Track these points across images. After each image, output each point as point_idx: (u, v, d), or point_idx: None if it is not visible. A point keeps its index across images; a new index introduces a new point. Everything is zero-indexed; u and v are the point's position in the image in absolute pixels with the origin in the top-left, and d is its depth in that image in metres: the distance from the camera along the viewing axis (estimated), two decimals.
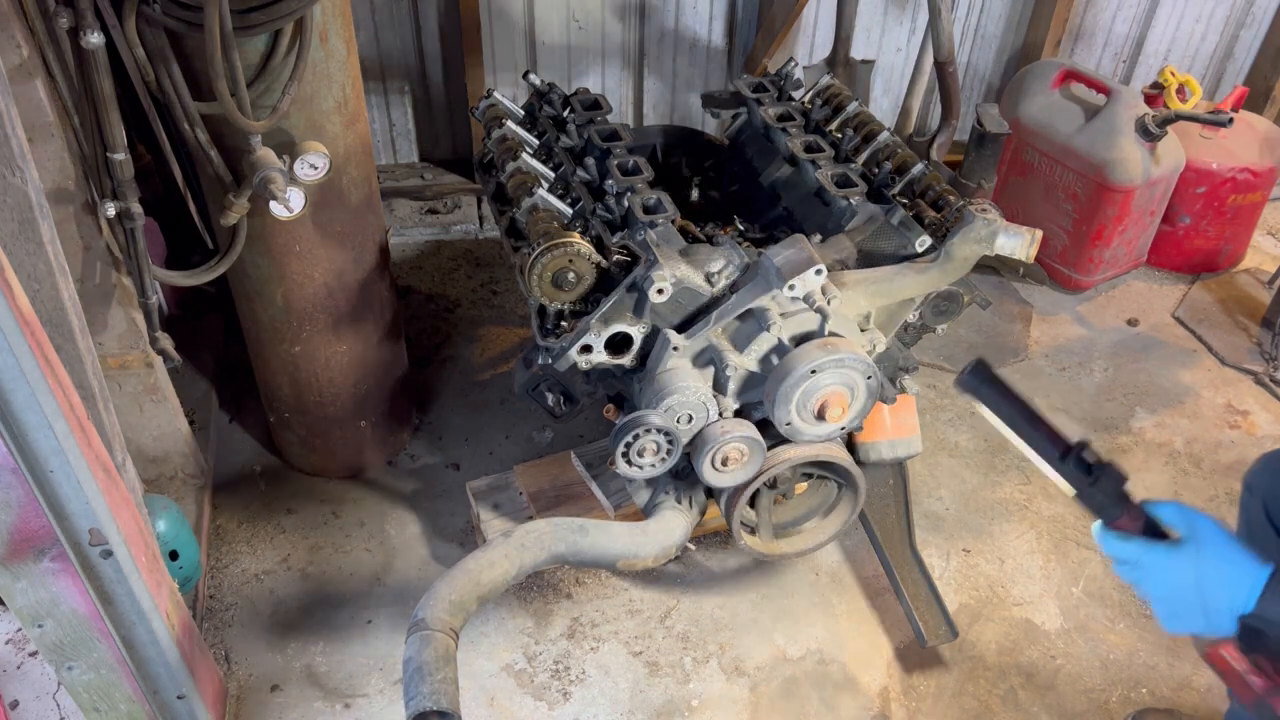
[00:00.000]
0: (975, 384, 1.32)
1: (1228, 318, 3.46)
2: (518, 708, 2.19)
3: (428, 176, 3.73)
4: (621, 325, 2.00)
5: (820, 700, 2.24)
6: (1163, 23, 4.05)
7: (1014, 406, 1.31)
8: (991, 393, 1.32)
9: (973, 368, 1.32)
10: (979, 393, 1.32)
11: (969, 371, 1.32)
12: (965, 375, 1.32)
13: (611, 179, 2.17)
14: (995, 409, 1.32)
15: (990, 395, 1.32)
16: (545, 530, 1.91)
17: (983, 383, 1.32)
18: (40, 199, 1.68)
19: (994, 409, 1.32)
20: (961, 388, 1.33)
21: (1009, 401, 1.31)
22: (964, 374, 1.32)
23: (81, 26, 1.71)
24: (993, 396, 1.32)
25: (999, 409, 1.32)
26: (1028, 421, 1.30)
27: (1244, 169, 3.40)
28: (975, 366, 1.32)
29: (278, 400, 2.56)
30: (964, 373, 1.33)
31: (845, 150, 2.36)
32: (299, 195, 2.03)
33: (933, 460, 2.84)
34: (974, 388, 1.32)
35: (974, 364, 1.32)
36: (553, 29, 3.55)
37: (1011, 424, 1.31)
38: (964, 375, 1.32)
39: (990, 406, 1.32)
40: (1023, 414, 1.31)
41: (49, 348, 1.49)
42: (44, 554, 1.50)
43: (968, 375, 1.32)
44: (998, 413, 1.32)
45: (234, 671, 2.23)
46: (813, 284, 1.94)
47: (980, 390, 1.32)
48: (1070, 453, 1.27)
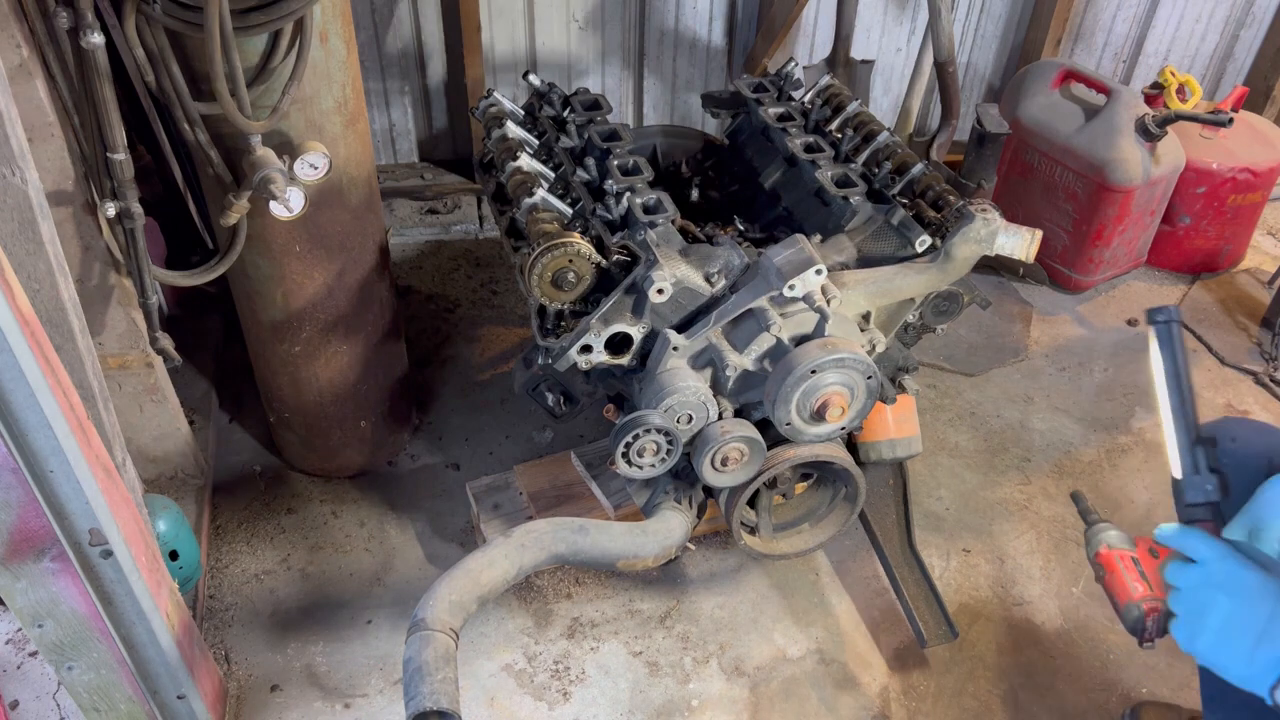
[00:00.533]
0: (1168, 318, 1.32)
1: (1228, 318, 3.46)
2: (518, 708, 2.19)
3: (428, 176, 3.73)
4: (621, 325, 2.00)
5: (820, 700, 2.24)
6: (1163, 23, 4.05)
7: (1186, 370, 1.31)
8: (1175, 340, 1.32)
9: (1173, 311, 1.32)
10: (1166, 328, 1.32)
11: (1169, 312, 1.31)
12: (1166, 310, 1.31)
13: (611, 179, 2.17)
14: (1168, 352, 1.31)
15: (1175, 342, 1.32)
16: (545, 530, 1.91)
17: (1175, 320, 1.32)
18: (40, 199, 1.68)
19: (1167, 352, 1.31)
20: (1155, 316, 1.32)
21: (1186, 360, 1.31)
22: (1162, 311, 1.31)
23: (81, 26, 1.71)
24: (1176, 345, 1.31)
25: (1171, 354, 1.31)
26: (1188, 386, 1.31)
27: (1244, 169, 3.40)
28: (1174, 311, 1.32)
29: (278, 400, 2.56)
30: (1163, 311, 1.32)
31: (845, 150, 2.36)
32: (299, 195, 2.03)
33: (933, 460, 2.84)
34: (1164, 321, 1.32)
35: (1174, 309, 1.32)
36: (553, 29, 3.55)
37: (1173, 375, 1.31)
38: (1164, 309, 1.31)
39: (1165, 347, 1.32)
40: (1188, 375, 1.31)
41: (49, 348, 1.49)
42: (44, 554, 1.51)
43: (1169, 309, 1.31)
44: (1168, 357, 1.31)
45: (234, 671, 2.23)
46: (813, 284, 1.94)
47: (1171, 330, 1.32)
48: (1203, 442, 1.27)
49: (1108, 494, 2.77)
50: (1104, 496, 2.76)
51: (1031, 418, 3.02)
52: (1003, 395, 3.10)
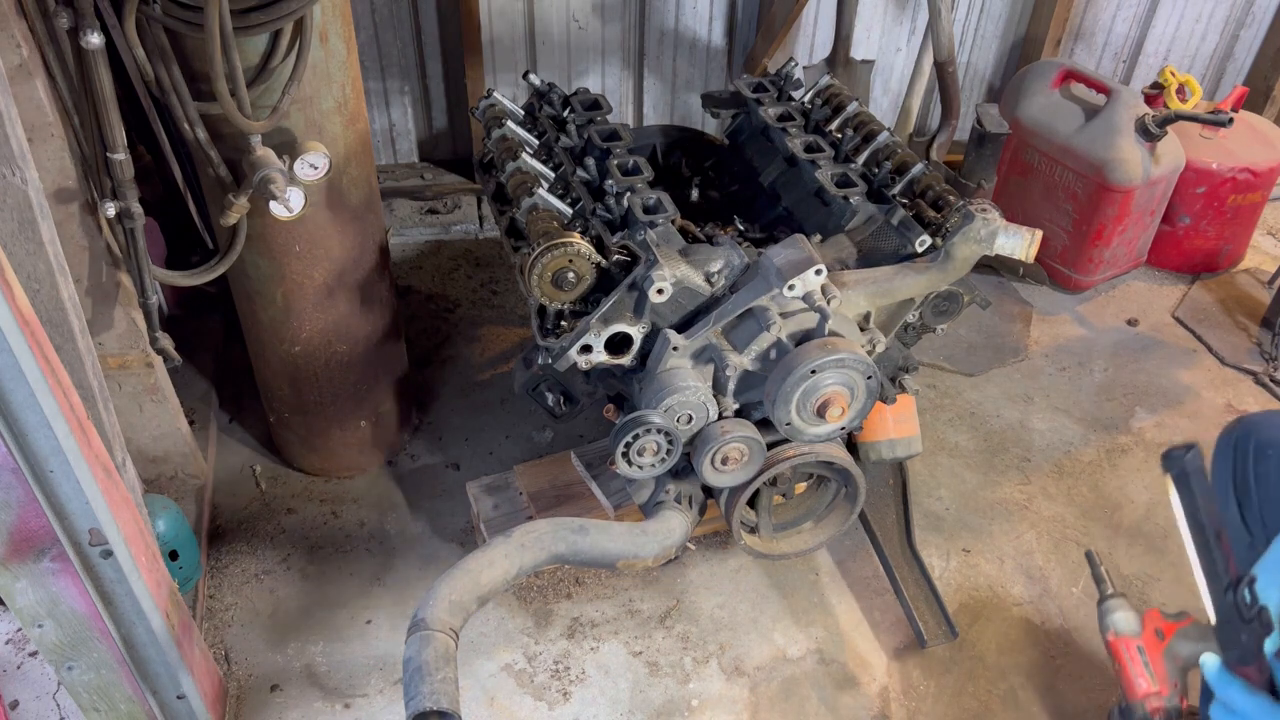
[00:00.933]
0: (1186, 469, 1.24)
1: (1228, 318, 3.46)
2: (518, 707, 2.19)
3: (428, 176, 3.73)
4: (621, 325, 2.00)
5: (820, 700, 2.24)
6: (1163, 23, 4.05)
7: (1210, 510, 1.23)
8: (1197, 485, 1.24)
9: (1189, 452, 1.23)
10: (1185, 479, 1.24)
11: (1184, 454, 1.23)
12: (1177, 455, 1.24)
13: (611, 179, 2.17)
14: (1189, 501, 1.24)
15: (1194, 487, 1.24)
16: (545, 530, 1.91)
17: (1195, 471, 1.24)
18: (40, 199, 1.68)
19: (1188, 501, 1.24)
20: (1169, 464, 1.25)
21: (1208, 502, 1.23)
22: (1177, 453, 1.24)
23: (81, 26, 1.71)
24: (1196, 489, 1.24)
25: (1193, 504, 1.24)
26: (1214, 534, 1.23)
27: (1244, 169, 3.40)
28: (1193, 452, 1.23)
29: (278, 400, 2.56)
30: (1178, 451, 1.24)
31: (845, 150, 2.36)
32: (299, 195, 2.03)
33: (933, 460, 2.84)
34: (1180, 471, 1.24)
35: (1189, 448, 1.24)
36: (553, 29, 3.55)
37: (1195, 524, 1.24)
38: (1175, 454, 1.24)
39: (1185, 497, 1.24)
40: (1211, 522, 1.23)
41: (49, 348, 1.49)
42: (44, 554, 1.51)
43: (1183, 457, 1.23)
44: (1189, 506, 1.24)
45: (234, 671, 2.23)
46: (813, 284, 1.94)
47: (1187, 477, 1.24)
48: (1239, 584, 1.20)
49: (1107, 494, 2.77)
50: (1104, 496, 2.76)
51: (1031, 418, 3.02)
52: (1003, 395, 3.10)
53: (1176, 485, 1.25)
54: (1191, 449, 1.23)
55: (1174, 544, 2.62)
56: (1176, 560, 2.57)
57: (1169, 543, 2.62)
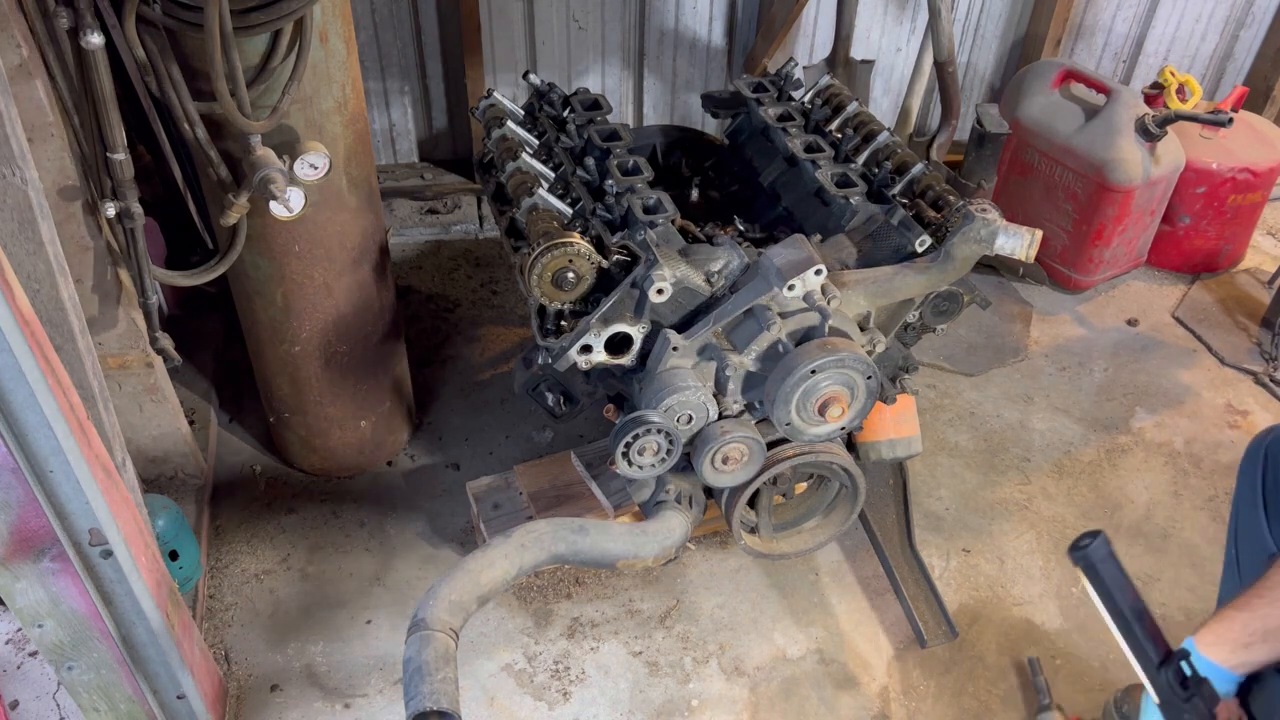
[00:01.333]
0: (1091, 560, 1.21)
1: (1228, 318, 3.46)
2: (518, 707, 2.19)
3: (428, 176, 3.73)
4: (621, 325, 2.00)
5: (820, 700, 2.24)
6: (1163, 22, 4.05)
7: (1125, 594, 1.21)
8: (1106, 573, 1.21)
9: (1093, 542, 1.21)
10: (1093, 570, 1.21)
11: (1088, 545, 1.21)
12: (1083, 548, 1.21)
13: (611, 179, 2.17)
14: (1102, 591, 1.22)
15: (1103, 576, 1.21)
16: (545, 530, 1.91)
17: (1101, 560, 1.21)
18: (40, 199, 1.68)
19: (1100, 591, 1.22)
20: (1075, 558, 1.22)
21: (1121, 588, 1.21)
22: (1081, 545, 1.21)
23: (81, 27, 1.71)
24: (1105, 577, 1.21)
25: (1106, 592, 1.22)
26: (1134, 615, 1.20)
27: (1244, 169, 3.40)
28: (1096, 541, 1.21)
29: (278, 400, 2.56)
30: (1081, 544, 1.21)
31: (845, 150, 2.36)
32: (299, 195, 2.03)
33: (933, 460, 2.84)
34: (1088, 563, 1.21)
35: (1095, 537, 1.21)
36: (553, 29, 3.55)
37: (1114, 612, 1.21)
38: (1081, 547, 1.21)
39: (1098, 587, 1.22)
40: (1132, 606, 1.21)
41: (49, 348, 1.49)
42: (44, 554, 1.50)
43: (1086, 549, 1.21)
44: (1104, 596, 1.22)
45: (234, 671, 2.23)
46: (813, 284, 1.94)
47: (1094, 567, 1.21)
48: (1169, 661, 1.18)
49: (1107, 494, 2.77)
50: (1104, 496, 2.76)
51: (1031, 418, 3.02)
52: (1003, 395, 3.10)
53: (1087, 576, 1.22)
54: (1096, 538, 1.20)
55: (1174, 544, 2.62)
56: (1177, 560, 2.57)
57: (1169, 543, 2.62)
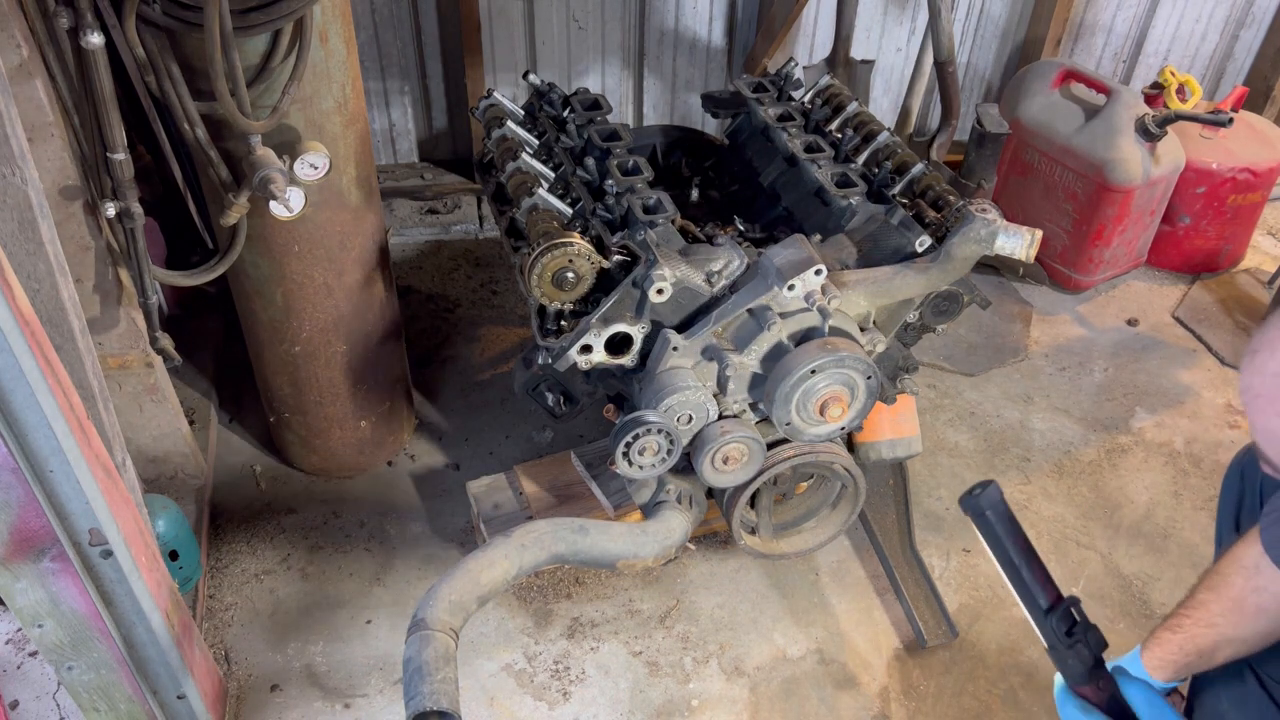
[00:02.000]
0: (981, 508, 1.20)
1: (1228, 318, 3.46)
2: (518, 707, 2.19)
3: (428, 176, 3.73)
4: (621, 325, 2.00)
5: (820, 700, 2.24)
6: (1163, 22, 4.05)
7: (1014, 542, 1.21)
8: (997, 521, 1.20)
9: (984, 490, 1.20)
10: (983, 518, 1.21)
11: (979, 494, 1.20)
12: (975, 496, 1.20)
13: (611, 179, 2.17)
14: (991, 539, 1.21)
15: (993, 524, 1.20)
16: (545, 530, 1.91)
17: (991, 507, 1.20)
18: (40, 199, 1.68)
19: (990, 539, 1.21)
20: (965, 505, 1.21)
21: (1011, 535, 1.20)
22: (972, 494, 1.20)
23: (81, 26, 1.71)
24: (996, 526, 1.20)
25: (995, 540, 1.21)
26: (1024, 562, 1.20)
27: (1244, 169, 3.40)
28: (988, 490, 1.20)
29: (278, 400, 2.56)
30: (972, 493, 1.20)
31: (845, 150, 2.36)
32: (299, 195, 2.03)
33: (933, 460, 2.84)
34: (979, 511, 1.20)
35: (985, 486, 1.20)
36: (553, 29, 3.55)
37: (1004, 559, 1.21)
38: (972, 496, 1.20)
39: (987, 535, 1.21)
40: (1021, 553, 1.20)
41: (49, 348, 1.49)
42: (44, 554, 1.50)
43: (978, 497, 1.20)
44: (993, 543, 1.21)
45: (234, 671, 2.23)
46: (813, 284, 1.94)
47: (984, 515, 1.20)
48: (1057, 607, 1.19)
49: (1108, 494, 2.77)
50: (1104, 496, 2.76)
51: (1031, 418, 3.02)
52: (1003, 395, 3.10)
53: (978, 525, 1.21)
54: (988, 486, 1.20)
55: (1174, 544, 2.62)
56: (1177, 560, 2.57)
57: (1169, 543, 2.62)
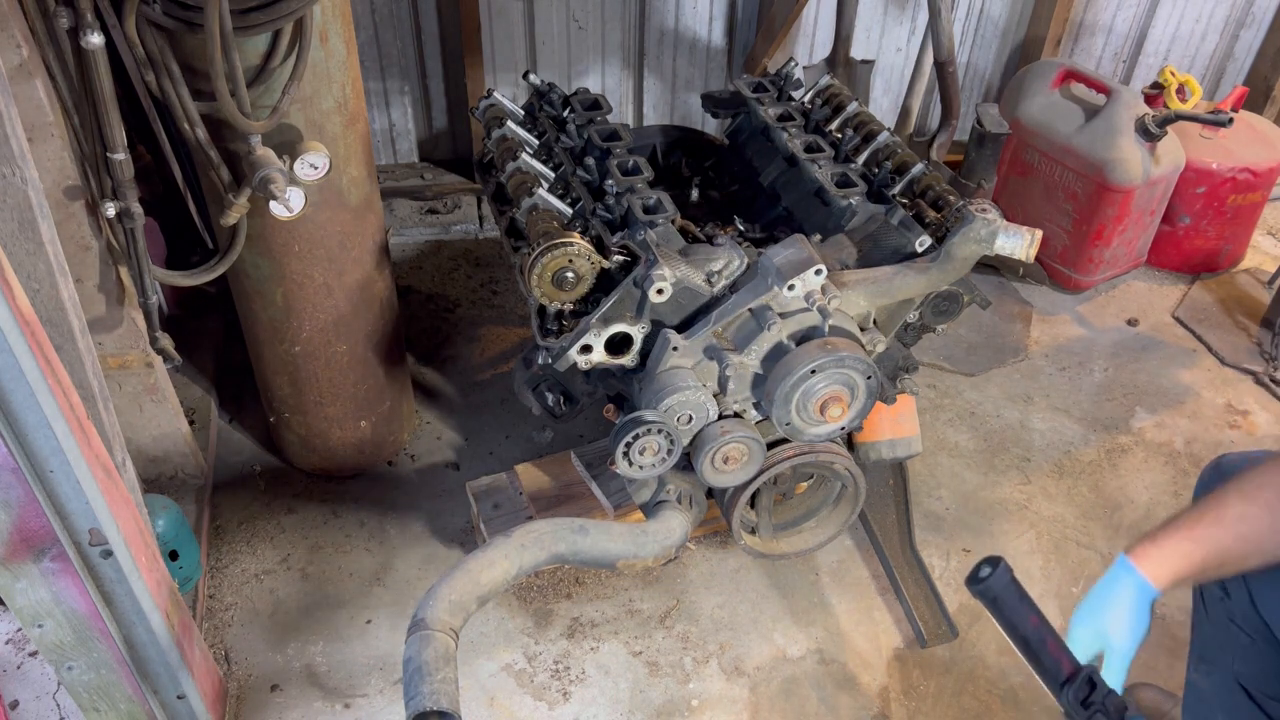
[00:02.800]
0: (994, 592, 1.17)
1: (1228, 318, 3.46)
2: (518, 707, 2.19)
3: (428, 176, 3.73)
4: (621, 325, 2.00)
5: (820, 700, 2.24)
6: (1163, 22, 4.05)
7: (1028, 620, 1.18)
8: (1008, 603, 1.17)
9: (994, 572, 1.16)
10: (994, 602, 1.17)
11: (989, 577, 1.16)
12: (983, 580, 1.16)
13: (611, 179, 2.17)
14: (1004, 621, 1.18)
15: (1005, 606, 1.17)
16: (545, 530, 1.91)
17: (1002, 590, 1.17)
18: (40, 199, 1.68)
19: (1003, 620, 1.18)
20: (975, 591, 1.18)
21: (1024, 614, 1.17)
22: (981, 578, 1.16)
23: (81, 26, 1.71)
24: (1006, 607, 1.17)
25: (1008, 621, 1.18)
26: (1040, 639, 1.17)
27: (1244, 169, 3.40)
28: (998, 572, 1.16)
29: (278, 400, 2.56)
30: (981, 575, 1.16)
31: (845, 150, 2.36)
32: (299, 195, 2.03)
33: (933, 460, 2.84)
34: (991, 596, 1.17)
35: (995, 566, 1.15)
36: (553, 29, 3.55)
37: (1018, 639, 1.18)
38: (981, 579, 1.16)
39: (1000, 617, 1.18)
40: (1036, 629, 1.17)
41: (49, 348, 1.49)
42: (44, 554, 1.50)
43: (988, 581, 1.16)
44: (1006, 625, 1.18)
45: (234, 671, 2.23)
46: (813, 284, 1.94)
47: (996, 600, 1.17)
48: (1074, 678, 1.17)
49: (1108, 494, 2.77)
50: (1104, 496, 2.76)
51: (1031, 418, 3.02)
52: (1003, 395, 3.10)
53: (989, 608, 1.18)
54: (997, 567, 1.16)
55: None
56: None
57: None
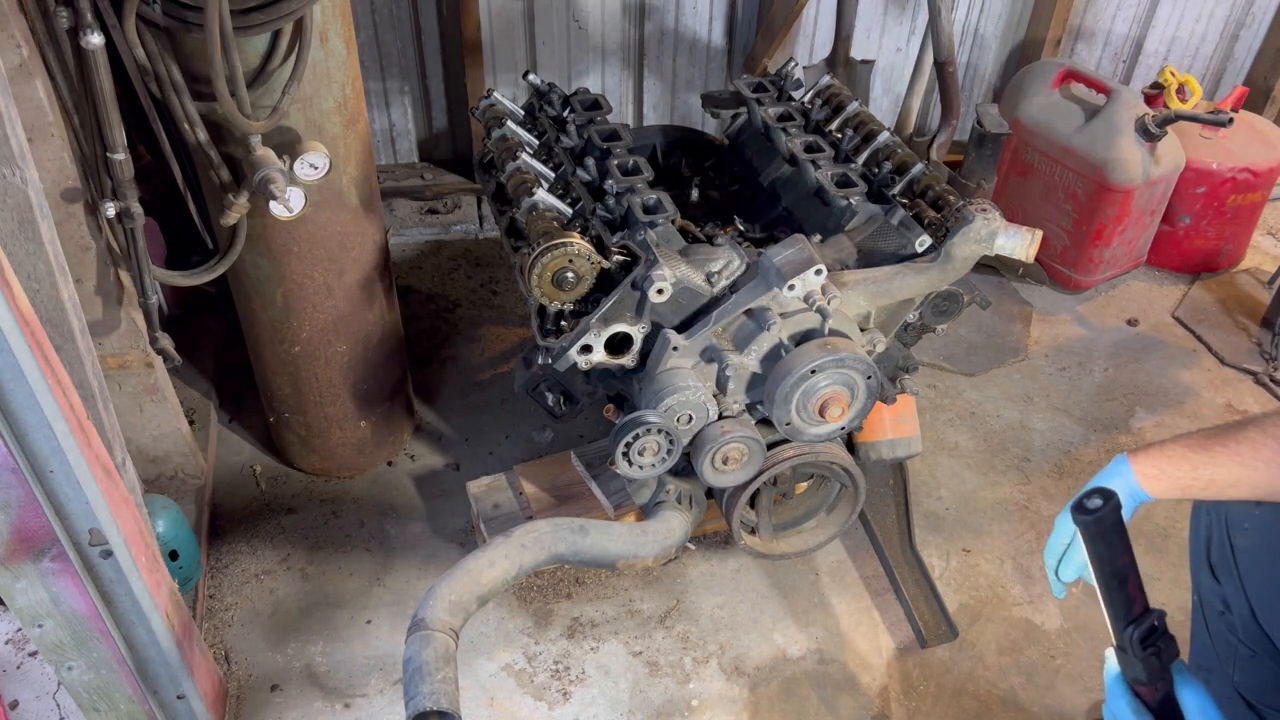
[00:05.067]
0: (1101, 519, 1.15)
1: (1228, 318, 3.46)
2: (518, 707, 2.19)
3: (428, 176, 3.73)
4: (621, 325, 2.00)
5: (820, 700, 2.24)
6: (1163, 23, 4.05)
7: (1120, 552, 1.16)
8: (1111, 534, 1.16)
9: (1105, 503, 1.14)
10: (1097, 528, 1.15)
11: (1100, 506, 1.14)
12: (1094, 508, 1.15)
13: (611, 179, 2.17)
14: (1098, 549, 1.17)
15: (1108, 536, 1.16)
16: (545, 530, 1.92)
17: (1111, 525, 1.15)
18: (40, 199, 1.68)
19: (1097, 549, 1.17)
20: (1080, 515, 1.16)
21: (1121, 548, 1.16)
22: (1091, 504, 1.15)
23: (81, 26, 1.71)
24: (1109, 538, 1.16)
25: (1103, 548, 1.17)
26: (1123, 573, 1.16)
27: (1244, 169, 3.40)
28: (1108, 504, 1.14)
29: (278, 400, 2.56)
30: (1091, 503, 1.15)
31: (845, 150, 2.36)
32: (299, 195, 2.03)
33: (933, 460, 2.84)
34: (1096, 521, 1.15)
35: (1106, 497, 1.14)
36: (553, 29, 3.55)
37: (1105, 567, 1.17)
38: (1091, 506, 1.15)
39: (1096, 543, 1.17)
40: (1126, 566, 1.16)
41: (49, 348, 1.49)
42: (44, 554, 1.50)
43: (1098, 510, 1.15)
44: (1099, 553, 1.17)
45: (234, 671, 2.23)
46: (813, 284, 1.94)
47: (1100, 526, 1.15)
48: (1143, 617, 1.17)
49: None
50: None
51: (1031, 418, 3.02)
52: (1003, 395, 3.10)
53: (1088, 533, 1.17)
54: (1109, 501, 1.15)
55: (1174, 544, 2.62)
56: (1176, 560, 2.57)
57: (1169, 542, 2.62)
